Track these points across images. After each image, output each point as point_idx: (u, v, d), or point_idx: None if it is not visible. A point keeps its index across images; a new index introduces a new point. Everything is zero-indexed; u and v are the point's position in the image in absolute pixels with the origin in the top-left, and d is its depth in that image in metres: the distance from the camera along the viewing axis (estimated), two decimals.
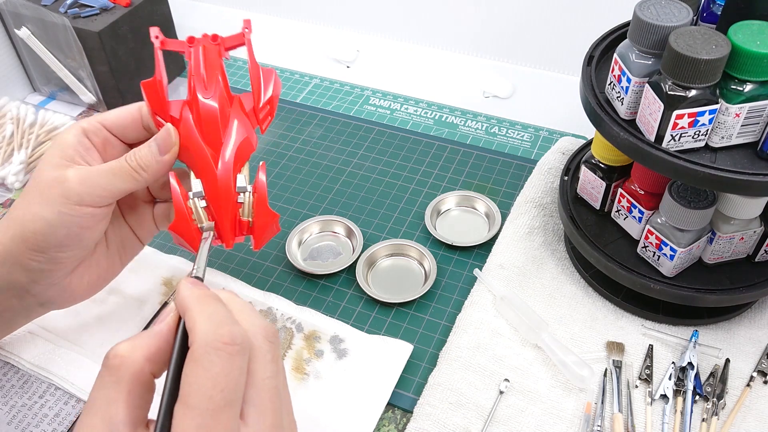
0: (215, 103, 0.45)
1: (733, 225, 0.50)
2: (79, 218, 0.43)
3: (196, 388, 0.30)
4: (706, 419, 0.48)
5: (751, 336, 0.53)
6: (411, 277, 0.60)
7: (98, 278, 0.50)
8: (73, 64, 0.75)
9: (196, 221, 0.44)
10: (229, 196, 0.44)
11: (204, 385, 0.30)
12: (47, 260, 0.44)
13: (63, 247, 0.44)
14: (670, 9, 0.45)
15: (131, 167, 0.44)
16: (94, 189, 0.43)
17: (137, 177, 0.44)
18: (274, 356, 0.34)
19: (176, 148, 0.44)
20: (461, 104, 0.80)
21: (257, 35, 0.59)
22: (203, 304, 0.34)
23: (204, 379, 0.31)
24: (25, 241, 0.43)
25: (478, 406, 0.49)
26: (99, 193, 0.43)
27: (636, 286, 0.52)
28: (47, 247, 0.43)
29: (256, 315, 0.36)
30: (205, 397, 0.30)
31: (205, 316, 0.33)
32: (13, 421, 0.50)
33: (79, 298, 0.49)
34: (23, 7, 0.73)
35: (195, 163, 0.45)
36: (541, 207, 0.63)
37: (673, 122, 0.43)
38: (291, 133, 0.76)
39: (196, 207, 0.44)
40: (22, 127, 0.72)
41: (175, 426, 0.30)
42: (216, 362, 0.31)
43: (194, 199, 0.44)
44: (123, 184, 0.44)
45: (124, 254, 0.51)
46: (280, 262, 0.62)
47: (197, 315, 0.33)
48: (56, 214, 0.42)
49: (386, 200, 0.67)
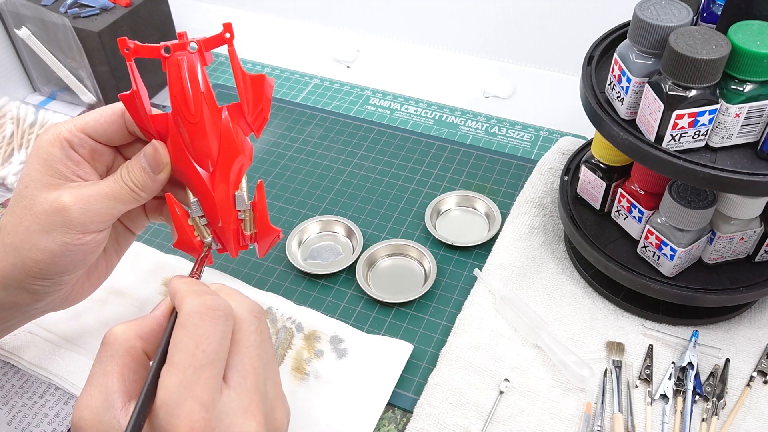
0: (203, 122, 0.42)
1: (733, 225, 0.50)
2: (83, 246, 0.42)
3: (180, 347, 0.34)
4: (706, 419, 0.48)
5: (751, 336, 0.53)
6: (411, 277, 0.60)
7: (98, 279, 0.50)
8: (73, 64, 0.75)
9: (199, 236, 0.44)
10: (229, 218, 0.44)
11: (187, 344, 0.34)
12: (52, 284, 0.43)
13: (67, 272, 0.43)
14: (670, 9, 0.45)
15: (130, 189, 0.43)
16: (96, 216, 0.42)
17: (137, 198, 0.43)
18: (258, 329, 0.37)
19: (168, 167, 0.43)
20: (461, 104, 0.80)
21: (257, 35, 0.59)
22: (191, 286, 0.37)
23: (187, 339, 0.34)
24: (27, 269, 0.42)
25: (478, 406, 0.49)
26: (101, 219, 0.42)
27: (636, 286, 0.52)
28: (51, 274, 0.42)
29: (243, 296, 0.38)
30: (188, 355, 0.33)
31: (192, 292, 0.36)
32: (13, 421, 0.50)
33: (79, 300, 0.49)
34: (23, 7, 0.73)
35: (189, 184, 0.43)
36: (541, 207, 0.63)
37: (673, 122, 0.43)
38: (291, 133, 0.76)
39: (198, 225, 0.44)
40: (22, 127, 0.72)
41: (160, 384, 0.33)
42: (199, 324, 0.34)
43: (195, 217, 0.44)
44: (124, 206, 0.43)
45: (119, 249, 0.51)
46: (280, 262, 0.62)
47: (185, 294, 0.36)
48: (59, 245, 0.41)
49: (386, 200, 0.67)
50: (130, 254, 0.60)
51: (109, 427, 0.33)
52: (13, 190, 0.68)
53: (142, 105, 0.42)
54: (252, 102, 0.43)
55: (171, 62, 0.41)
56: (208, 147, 0.42)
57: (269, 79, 0.44)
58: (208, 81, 0.42)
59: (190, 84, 0.41)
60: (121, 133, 0.44)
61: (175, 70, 0.41)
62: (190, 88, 0.41)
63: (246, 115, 0.43)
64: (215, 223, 0.44)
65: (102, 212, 0.42)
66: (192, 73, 0.41)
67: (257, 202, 0.44)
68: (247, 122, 0.43)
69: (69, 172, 0.42)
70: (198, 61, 0.41)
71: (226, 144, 0.42)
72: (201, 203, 0.43)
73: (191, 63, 0.41)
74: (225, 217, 0.44)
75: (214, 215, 0.44)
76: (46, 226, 0.41)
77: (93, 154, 0.44)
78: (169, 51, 0.41)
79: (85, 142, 0.43)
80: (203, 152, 0.42)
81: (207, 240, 0.44)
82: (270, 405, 0.36)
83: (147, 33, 0.76)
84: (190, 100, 0.41)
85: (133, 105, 0.42)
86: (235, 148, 0.42)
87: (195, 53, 0.41)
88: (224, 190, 0.43)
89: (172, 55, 0.41)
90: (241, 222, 0.45)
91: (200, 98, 0.41)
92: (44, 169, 0.42)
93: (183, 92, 0.41)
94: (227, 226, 0.44)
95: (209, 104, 0.41)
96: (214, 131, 0.42)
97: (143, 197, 0.43)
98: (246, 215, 0.45)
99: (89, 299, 0.56)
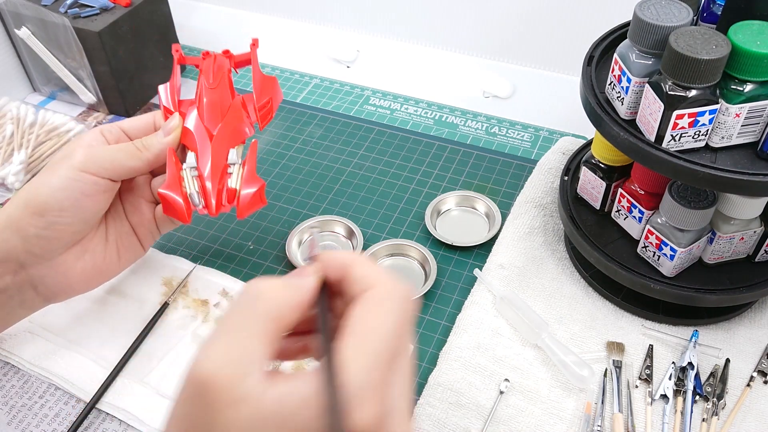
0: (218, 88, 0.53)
1: (733, 225, 0.50)
2: (81, 183, 0.46)
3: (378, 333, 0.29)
4: (706, 419, 0.48)
5: (751, 336, 0.53)
6: (411, 277, 0.60)
7: (93, 268, 0.50)
8: (73, 64, 0.75)
9: (186, 188, 0.49)
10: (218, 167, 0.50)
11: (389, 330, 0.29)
12: (46, 225, 0.46)
13: (62, 211, 0.46)
14: (670, 9, 0.45)
15: (136, 146, 0.49)
16: (98, 159, 0.47)
17: (140, 155, 0.49)
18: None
19: (179, 131, 0.50)
20: (461, 104, 0.80)
21: (258, 35, 0.60)
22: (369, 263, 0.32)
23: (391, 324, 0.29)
24: (28, 205, 0.46)
25: (478, 406, 0.49)
26: (102, 164, 0.47)
27: (636, 286, 0.52)
28: (47, 209, 0.46)
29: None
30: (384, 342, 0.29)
31: (380, 271, 0.31)
32: (13, 421, 0.50)
33: (74, 288, 0.50)
34: (23, 7, 0.73)
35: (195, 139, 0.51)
36: (541, 207, 0.63)
37: (673, 122, 0.43)
38: (291, 133, 0.76)
39: (187, 176, 0.50)
40: (22, 127, 0.72)
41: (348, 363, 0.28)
42: (396, 310, 0.30)
43: (187, 168, 0.50)
44: (127, 159, 0.48)
45: (122, 251, 0.52)
46: (280, 262, 0.62)
47: (369, 266, 0.31)
48: (59, 178, 0.46)
49: (386, 200, 0.67)
50: None
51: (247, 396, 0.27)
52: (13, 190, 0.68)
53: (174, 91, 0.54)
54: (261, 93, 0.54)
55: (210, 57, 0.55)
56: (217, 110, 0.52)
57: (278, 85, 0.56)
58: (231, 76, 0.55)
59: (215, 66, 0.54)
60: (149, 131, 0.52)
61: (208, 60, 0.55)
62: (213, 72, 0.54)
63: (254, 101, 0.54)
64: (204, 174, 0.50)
65: (105, 157, 0.47)
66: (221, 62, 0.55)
67: (248, 159, 0.51)
68: (255, 108, 0.54)
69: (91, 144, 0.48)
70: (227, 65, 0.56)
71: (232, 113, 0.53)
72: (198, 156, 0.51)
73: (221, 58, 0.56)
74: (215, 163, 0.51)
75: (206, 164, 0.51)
76: (53, 168, 0.47)
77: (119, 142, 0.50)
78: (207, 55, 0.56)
79: (115, 131, 0.50)
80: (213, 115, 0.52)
81: (192, 192, 0.50)
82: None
83: (147, 33, 0.76)
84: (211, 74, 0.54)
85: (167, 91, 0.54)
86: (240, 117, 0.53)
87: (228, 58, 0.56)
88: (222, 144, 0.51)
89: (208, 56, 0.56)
90: (228, 176, 0.51)
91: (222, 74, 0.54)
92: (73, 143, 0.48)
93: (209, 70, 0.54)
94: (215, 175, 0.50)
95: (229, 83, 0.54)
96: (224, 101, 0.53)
97: (145, 155, 0.49)
98: (234, 169, 0.51)
99: (89, 299, 0.57)
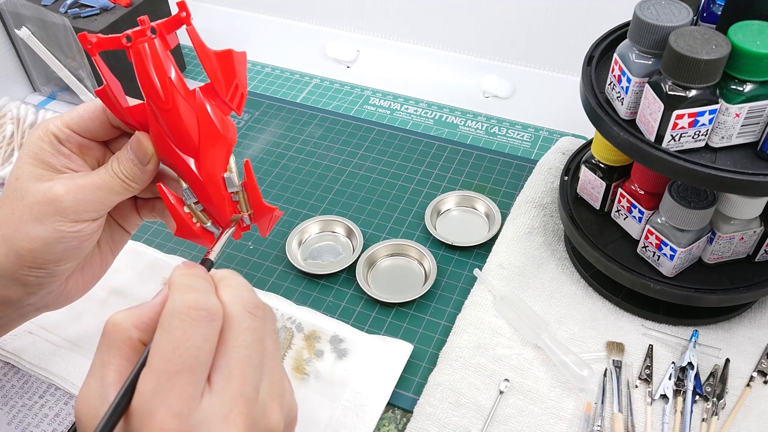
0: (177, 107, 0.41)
1: (733, 225, 0.50)
2: (77, 233, 0.42)
3: (157, 350, 0.32)
4: (706, 419, 0.48)
5: (751, 336, 0.53)
6: (411, 277, 0.60)
7: (92, 276, 0.49)
8: (73, 64, 0.75)
9: (198, 222, 0.44)
10: (222, 202, 0.43)
11: (164, 347, 0.32)
12: (46, 274, 0.43)
13: (62, 261, 0.43)
14: (670, 9, 0.45)
15: (121, 180, 0.43)
16: (89, 205, 0.42)
17: (129, 189, 0.44)
18: (251, 326, 0.34)
19: (155, 157, 0.43)
20: (461, 104, 0.80)
21: (258, 35, 0.59)
22: (185, 278, 0.35)
23: (165, 342, 0.32)
24: (21, 258, 0.42)
25: (478, 406, 0.49)
26: (94, 208, 0.43)
27: (636, 286, 0.52)
28: (45, 263, 0.42)
29: (243, 289, 0.36)
30: (164, 359, 0.31)
31: (180, 287, 0.34)
32: (13, 421, 0.50)
33: (74, 299, 0.49)
34: (23, 7, 0.73)
35: (177, 171, 0.43)
36: (541, 207, 0.63)
37: (673, 122, 0.43)
38: (291, 133, 0.76)
39: (194, 211, 0.44)
40: (22, 127, 0.72)
41: (137, 389, 0.31)
42: (178, 326, 0.32)
43: (190, 204, 0.43)
44: (117, 197, 0.43)
45: (114, 247, 0.50)
46: (280, 262, 0.62)
47: (174, 288, 0.34)
48: (53, 232, 0.41)
49: (386, 200, 0.67)
50: (130, 254, 0.60)
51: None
52: None
53: (117, 98, 0.41)
54: (224, 80, 0.42)
55: (134, 51, 0.40)
56: (187, 132, 0.41)
57: (238, 53, 0.42)
58: (176, 65, 0.41)
59: (155, 70, 0.40)
60: (104, 128, 0.45)
61: (139, 59, 0.40)
62: (155, 75, 0.40)
63: (221, 93, 0.42)
64: (211, 208, 0.43)
65: (94, 201, 0.42)
66: (156, 59, 0.40)
67: (247, 182, 0.44)
68: (224, 101, 0.42)
69: (60, 165, 0.43)
70: (161, 46, 0.40)
71: (205, 126, 0.41)
72: (192, 189, 0.43)
73: (153, 48, 0.40)
74: (218, 201, 0.43)
75: (208, 200, 0.43)
76: (38, 216, 0.41)
77: (81, 149, 0.45)
78: (130, 39, 0.40)
79: (72, 137, 0.44)
80: (184, 138, 0.41)
81: (207, 225, 0.44)
82: (261, 407, 0.34)
83: None
84: (157, 86, 0.40)
85: (109, 99, 0.42)
86: (215, 129, 0.41)
87: (156, 38, 0.40)
88: (212, 174, 0.42)
89: (134, 43, 0.40)
90: (236, 204, 0.44)
91: (168, 83, 0.40)
92: (35, 162, 0.42)
93: (150, 79, 0.40)
94: (222, 209, 0.43)
95: (180, 88, 0.40)
96: (190, 115, 0.41)
97: (135, 188, 0.44)
98: (240, 196, 0.44)
99: (89, 299, 0.56)
